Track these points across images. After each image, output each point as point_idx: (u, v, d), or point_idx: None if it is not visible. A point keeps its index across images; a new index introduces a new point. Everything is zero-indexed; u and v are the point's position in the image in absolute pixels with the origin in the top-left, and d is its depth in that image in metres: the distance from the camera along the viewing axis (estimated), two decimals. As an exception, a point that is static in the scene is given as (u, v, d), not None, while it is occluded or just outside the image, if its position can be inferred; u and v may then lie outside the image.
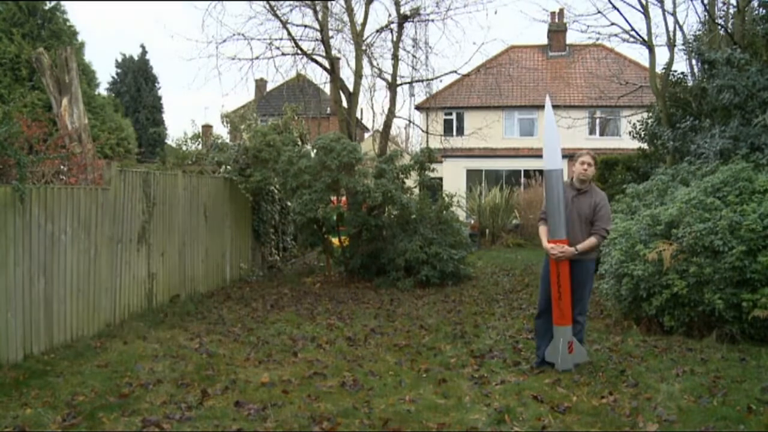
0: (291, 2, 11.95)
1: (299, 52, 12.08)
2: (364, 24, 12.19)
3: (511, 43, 22.52)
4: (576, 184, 5.11)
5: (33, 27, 16.48)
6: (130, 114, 24.43)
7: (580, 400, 4.36)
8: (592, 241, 4.95)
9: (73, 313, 6.04)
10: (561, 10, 24.20)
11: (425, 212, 10.45)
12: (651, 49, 10.80)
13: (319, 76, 20.23)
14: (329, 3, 12.13)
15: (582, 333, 5.16)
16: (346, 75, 15.81)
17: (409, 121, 15.61)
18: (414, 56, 12.74)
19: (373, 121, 18.02)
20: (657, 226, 6.58)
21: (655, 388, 4.57)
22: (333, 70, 12.29)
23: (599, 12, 11.68)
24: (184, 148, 11.37)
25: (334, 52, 12.26)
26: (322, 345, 6.03)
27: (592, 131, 23.67)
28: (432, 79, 13.17)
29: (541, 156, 5.80)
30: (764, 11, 9.08)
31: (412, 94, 13.45)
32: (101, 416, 4.03)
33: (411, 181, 10.97)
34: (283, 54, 12.17)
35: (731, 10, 10.47)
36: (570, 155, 25.13)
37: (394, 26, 12.44)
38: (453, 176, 22.68)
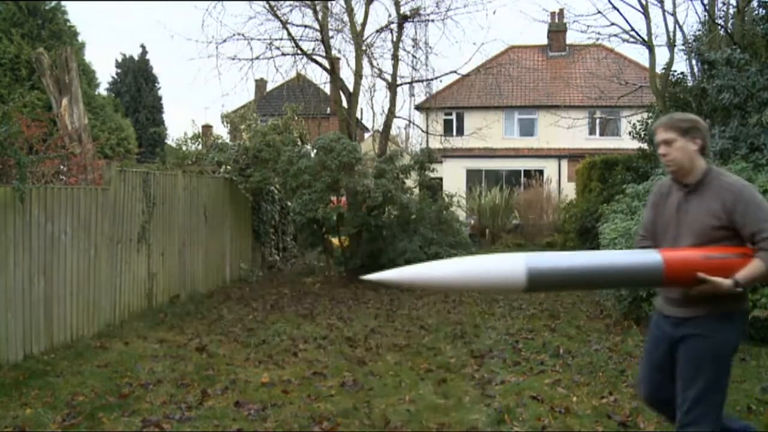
0: (291, 2, 11.95)
1: (299, 52, 12.07)
2: (364, 24, 12.19)
3: (511, 43, 22.46)
4: None
5: (33, 27, 16.46)
6: (130, 114, 24.39)
7: (580, 400, 4.36)
8: None
9: (73, 313, 6.04)
10: (561, 11, 24.18)
11: (425, 212, 10.45)
12: (651, 49, 10.80)
13: (319, 76, 20.26)
14: (329, 3, 12.13)
15: None
16: (346, 75, 15.82)
17: (409, 121, 15.59)
18: (414, 56, 12.74)
19: (373, 121, 17.99)
20: (657, 226, 6.56)
21: (655, 388, 4.56)
22: (333, 70, 12.28)
23: (599, 12, 11.69)
24: (184, 148, 11.37)
25: (334, 52, 12.26)
26: (322, 345, 6.03)
27: (592, 131, 23.66)
28: (432, 79, 13.17)
29: (541, 156, 5.85)
30: (764, 11, 9.07)
31: (412, 94, 13.43)
32: (101, 416, 4.03)
33: (411, 181, 10.97)
34: (283, 54, 12.16)
35: (731, 11, 10.47)
36: (570, 155, 25.12)
37: (394, 26, 12.43)
38: (453, 176, 22.67)
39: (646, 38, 10.76)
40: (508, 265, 2.62)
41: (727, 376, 2.69)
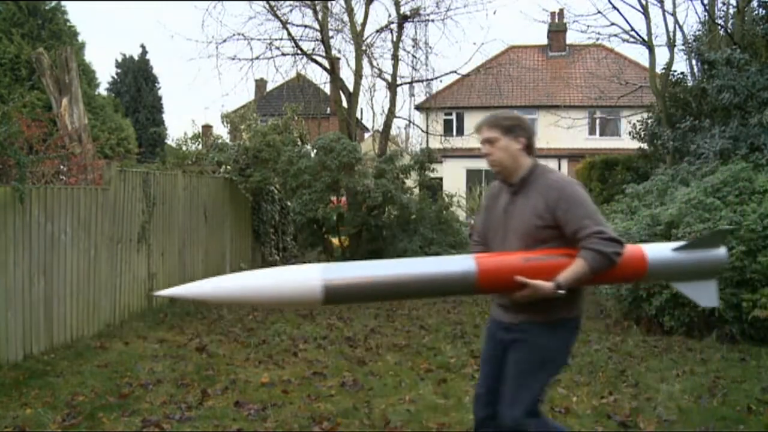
0: (291, 2, 11.96)
1: (299, 52, 12.08)
2: (364, 24, 12.19)
3: (511, 43, 22.48)
4: None
5: (33, 27, 16.45)
6: (130, 114, 24.37)
7: (580, 400, 4.36)
8: None
9: (73, 313, 6.04)
10: (561, 11, 24.20)
11: (425, 212, 10.45)
12: (651, 49, 10.81)
13: (319, 76, 20.20)
14: (329, 3, 12.13)
15: None
16: (346, 75, 15.81)
17: (409, 121, 15.61)
18: (414, 56, 12.75)
19: (373, 121, 17.97)
20: (657, 226, 6.58)
21: (655, 388, 4.57)
22: (333, 70, 12.29)
23: (599, 12, 11.71)
24: (184, 148, 11.35)
25: (334, 52, 12.27)
26: (322, 345, 6.03)
27: (592, 131, 23.67)
28: (432, 79, 13.18)
29: (541, 156, 5.85)
30: (764, 11, 9.08)
31: (412, 94, 13.44)
32: (101, 416, 4.03)
33: (411, 181, 10.97)
34: (283, 54, 12.17)
35: (731, 11, 10.49)
36: (570, 155, 25.06)
37: (394, 26, 12.44)
38: (453, 176, 22.68)
39: (646, 38, 10.77)
40: (302, 278, 2.46)
41: (547, 380, 2.63)
